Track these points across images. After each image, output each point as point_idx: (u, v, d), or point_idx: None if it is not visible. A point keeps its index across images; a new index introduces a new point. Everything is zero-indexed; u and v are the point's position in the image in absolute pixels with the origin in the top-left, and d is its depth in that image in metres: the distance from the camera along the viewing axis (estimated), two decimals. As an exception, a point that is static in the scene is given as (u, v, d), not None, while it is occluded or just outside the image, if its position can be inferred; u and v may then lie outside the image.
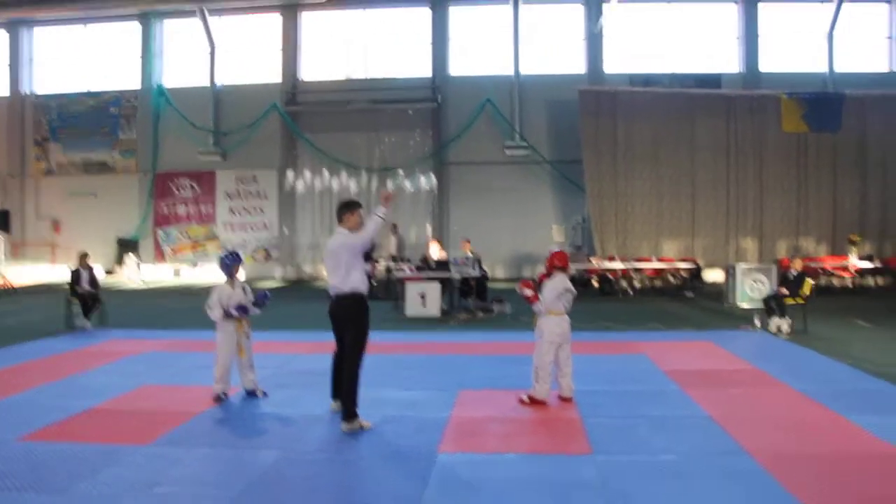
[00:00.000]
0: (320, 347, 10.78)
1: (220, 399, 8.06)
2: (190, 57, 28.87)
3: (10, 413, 7.54)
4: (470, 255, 16.86)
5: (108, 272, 28.66)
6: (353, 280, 6.89)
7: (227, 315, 8.03)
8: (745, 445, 6.11)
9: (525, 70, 26.47)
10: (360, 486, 5.36)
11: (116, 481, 5.44)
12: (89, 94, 29.46)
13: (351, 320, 6.92)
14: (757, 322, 13.12)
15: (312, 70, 28.34)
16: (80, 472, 5.64)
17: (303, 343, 11.85)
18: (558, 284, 7.85)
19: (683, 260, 21.26)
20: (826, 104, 22.05)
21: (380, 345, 11.77)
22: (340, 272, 6.91)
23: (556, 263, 8.00)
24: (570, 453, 6.03)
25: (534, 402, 7.70)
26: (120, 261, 28.62)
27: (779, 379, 8.80)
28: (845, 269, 20.00)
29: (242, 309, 8.10)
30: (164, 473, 5.64)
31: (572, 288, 7.95)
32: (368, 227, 6.93)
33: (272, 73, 28.20)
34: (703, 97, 22.73)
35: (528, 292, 8.08)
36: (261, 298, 8.44)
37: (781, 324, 12.50)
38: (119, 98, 29.24)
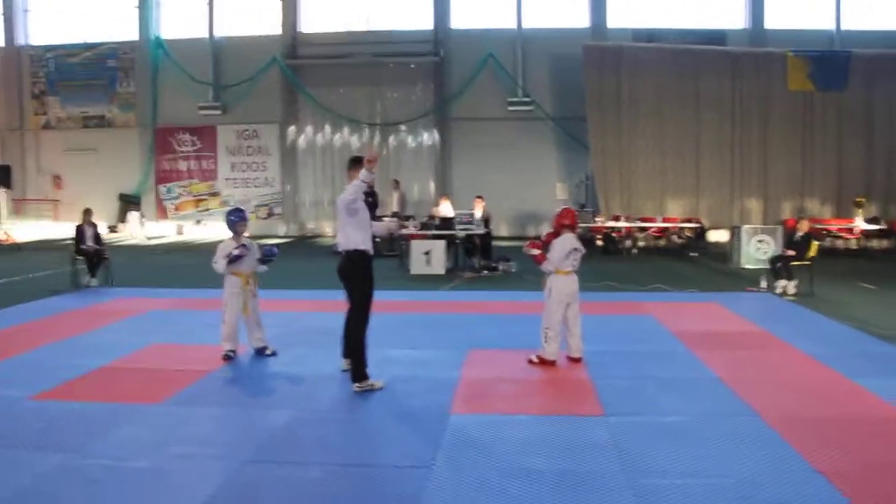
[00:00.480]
0: (327, 306, 10.86)
1: (228, 358, 8.08)
2: (188, 7, 28.41)
3: (20, 372, 7.58)
4: (479, 213, 16.78)
5: (112, 229, 28.61)
6: (351, 238, 6.88)
7: (231, 261, 8.00)
8: (755, 407, 6.15)
9: (528, 24, 26.14)
10: (373, 447, 5.38)
11: (129, 441, 5.48)
12: (86, 46, 29.04)
13: (350, 279, 6.94)
14: (763, 283, 13.12)
15: (313, 22, 27.94)
16: (93, 432, 5.67)
17: (309, 301, 11.88)
18: (566, 243, 7.81)
19: (688, 220, 21.19)
20: (832, 63, 21.79)
21: (386, 303, 11.76)
22: (342, 229, 6.99)
23: (564, 222, 7.91)
24: (582, 414, 6.06)
25: (543, 362, 7.72)
26: (123, 217, 28.55)
27: (785, 341, 8.82)
28: (850, 230, 19.94)
29: (237, 257, 8.06)
30: (175, 433, 5.68)
31: (581, 246, 7.92)
32: (348, 189, 6.75)
33: (272, 25, 27.76)
34: (708, 54, 22.42)
35: (535, 252, 8.05)
36: (269, 253, 8.42)
37: (787, 285, 12.51)
38: (116, 50, 28.84)
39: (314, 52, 27.55)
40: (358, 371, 6.79)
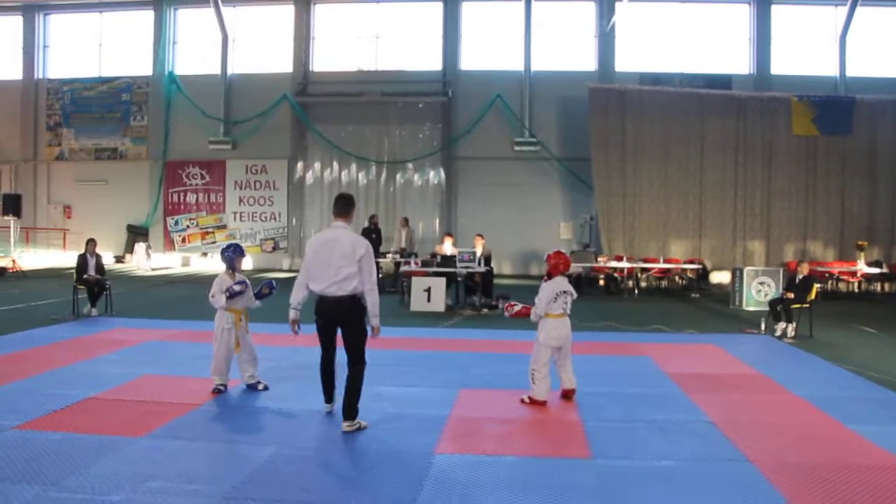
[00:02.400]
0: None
1: (218, 391, 8.04)
2: (202, 45, 28.83)
3: (8, 400, 7.52)
4: (479, 251, 16.77)
5: (119, 259, 28.76)
6: (353, 283, 6.62)
7: (229, 296, 7.98)
8: (747, 453, 6.05)
9: (536, 66, 26.38)
10: (354, 486, 5.30)
11: (109, 474, 5.41)
12: (102, 80, 29.46)
13: (351, 321, 6.72)
14: (762, 326, 13.03)
15: (324, 61, 28.28)
16: (74, 465, 5.61)
17: (306, 336, 11.79)
18: (553, 286, 7.81)
19: (690, 261, 21.15)
20: (837, 108, 21.91)
21: (383, 340, 11.74)
22: (338, 272, 6.59)
23: (549, 271, 7.99)
24: (569, 457, 5.97)
25: (534, 402, 7.66)
26: (130, 248, 28.71)
27: (782, 385, 8.72)
28: (853, 274, 19.86)
29: (238, 293, 8.04)
30: (157, 467, 5.61)
31: (571, 289, 7.90)
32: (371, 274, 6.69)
33: (284, 64, 28.13)
34: (714, 98, 22.57)
35: (515, 309, 8.19)
36: (268, 286, 8.38)
37: (787, 328, 12.41)
38: (130, 84, 29.23)
39: (324, 90, 27.80)
40: (353, 409, 6.69)
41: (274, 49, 28.44)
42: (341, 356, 6.87)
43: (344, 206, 6.89)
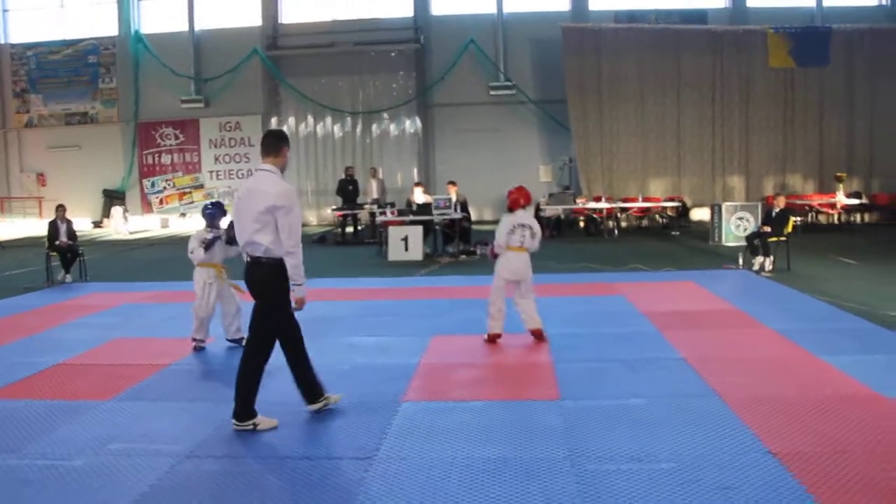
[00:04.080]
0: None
1: (197, 349, 7.99)
2: (168, 2, 28.14)
3: (-27, 370, 7.43)
4: (454, 197, 16.64)
5: (97, 224, 28.47)
6: (263, 243, 5.37)
7: (206, 248, 7.91)
8: (717, 388, 6.01)
9: (508, 8, 25.83)
10: (317, 439, 5.25)
11: (71, 439, 5.33)
12: (66, 43, 28.78)
13: (258, 292, 5.56)
14: (740, 260, 13.01)
15: (293, 12, 27.69)
16: (36, 431, 5.53)
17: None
18: (511, 219, 7.81)
19: (670, 199, 21.07)
20: (813, 39, 21.67)
21: (359, 290, 11.74)
22: (251, 227, 5.37)
23: (509, 205, 7.98)
24: (537, 399, 5.93)
25: (490, 338, 7.73)
26: (107, 213, 28.39)
27: (757, 319, 8.69)
28: (832, 206, 19.86)
29: (213, 240, 7.98)
30: (120, 429, 5.54)
31: (531, 223, 7.85)
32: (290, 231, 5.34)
33: (252, 17, 27.46)
34: (689, 33, 22.28)
35: (488, 248, 8.17)
36: (231, 227, 8.17)
37: (764, 262, 12.38)
38: (97, 46, 28.59)
39: (295, 42, 27.25)
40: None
41: (241, 2, 27.78)
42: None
43: (271, 143, 5.56)
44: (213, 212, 8.19)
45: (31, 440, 5.35)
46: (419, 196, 17.35)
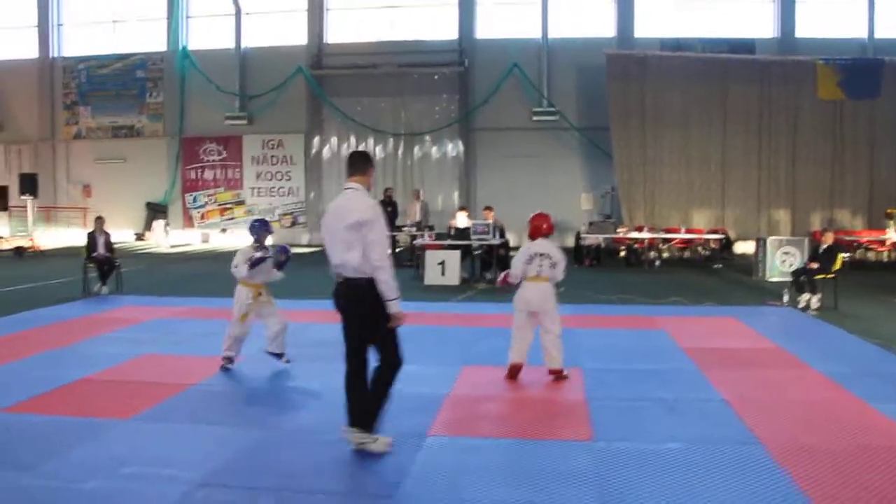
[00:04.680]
0: (336, 317, 10.59)
1: (225, 367, 7.87)
2: (216, 19, 28.51)
3: (2, 382, 7.36)
4: (491, 222, 16.43)
5: (139, 237, 28.79)
6: (358, 259, 5.27)
7: (251, 265, 7.78)
8: (759, 434, 5.68)
9: (553, 33, 25.71)
10: (338, 473, 5.03)
11: (86, 460, 5.20)
12: (117, 57, 29.30)
13: (362, 310, 5.39)
14: (785, 297, 12.57)
15: (338, 33, 27.87)
16: (53, 449, 5.41)
17: (318, 312, 11.61)
18: (529, 248, 7.55)
19: (713, 231, 20.59)
20: (864, 71, 21.08)
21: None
22: (340, 245, 5.32)
23: (530, 233, 7.75)
24: (568, 439, 5.65)
25: (510, 370, 7.45)
26: (149, 226, 28.71)
27: (803, 360, 8.30)
28: (882, 243, 19.25)
29: (260, 260, 7.84)
30: (137, 451, 5.39)
31: (551, 252, 7.51)
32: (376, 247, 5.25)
33: (298, 36, 27.73)
34: (736, 63, 21.84)
35: (500, 276, 8.02)
36: (283, 252, 8.04)
37: (811, 300, 11.94)
38: (145, 61, 29.06)
39: (339, 62, 27.41)
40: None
41: (288, 21, 28.03)
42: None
43: (357, 162, 5.62)
44: (258, 228, 8.07)
45: (46, 459, 5.22)
46: (461, 220, 17.16)
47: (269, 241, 8.15)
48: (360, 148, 27.28)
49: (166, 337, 9.84)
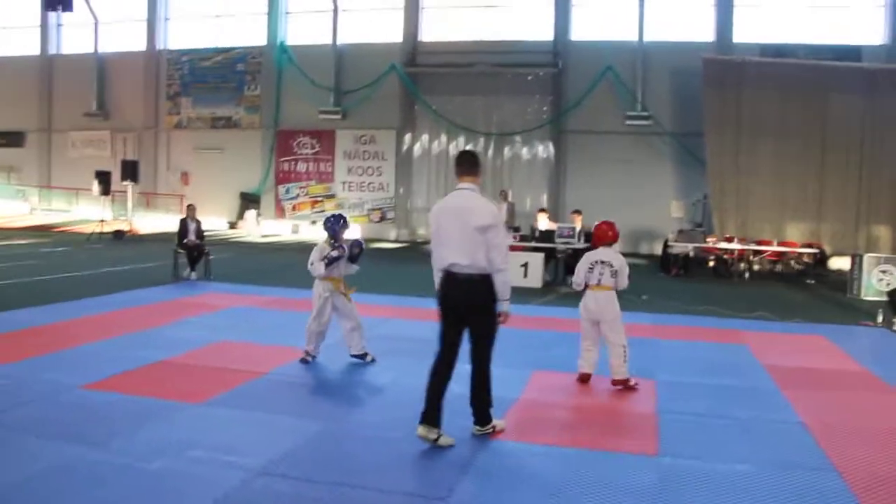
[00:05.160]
0: (414, 313, 10.72)
1: (304, 360, 7.95)
2: (314, 15, 29.09)
3: (84, 360, 7.67)
4: (578, 227, 16.23)
5: (232, 225, 29.62)
6: (482, 259, 5.48)
7: (327, 263, 7.82)
8: (836, 462, 5.38)
9: (649, 36, 25.28)
10: (395, 471, 5.00)
11: (155, 440, 5.34)
12: (218, 50, 30.28)
13: (479, 307, 5.61)
14: (879, 318, 11.96)
15: (433, 31, 28.05)
16: (123, 428, 5.58)
17: (397, 308, 11.73)
18: (590, 256, 7.50)
19: (808, 245, 19.76)
20: (982, 78, 19.87)
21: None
22: (468, 245, 5.47)
23: (593, 241, 7.77)
24: (632, 452, 5.49)
25: (580, 378, 7.47)
26: (242, 215, 29.53)
27: (893, 385, 7.88)
28: None
29: (336, 259, 7.87)
30: (204, 435, 5.52)
31: (613, 260, 7.41)
32: (500, 249, 5.51)
33: (393, 34, 28.09)
34: (840, 70, 20.78)
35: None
36: (357, 245, 8.13)
37: (907, 322, 11.36)
38: (245, 54, 29.92)
39: (433, 60, 27.59)
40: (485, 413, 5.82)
41: (383, 19, 28.37)
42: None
43: (470, 163, 5.81)
44: (335, 226, 8.04)
45: (117, 436, 5.39)
46: (543, 223, 17.02)
47: (346, 234, 8.18)
48: (451, 147, 27.39)
49: (246, 325, 10.07)
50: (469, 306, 5.59)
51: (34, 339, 8.54)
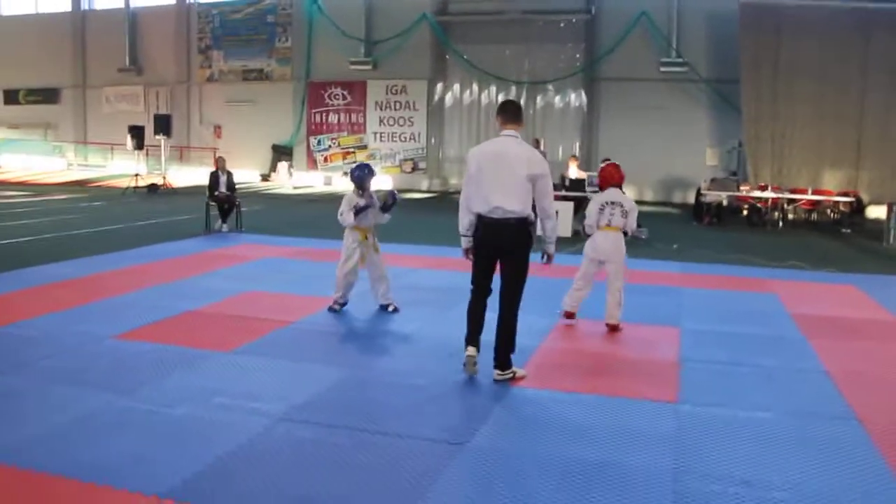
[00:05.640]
0: (442, 263, 10.77)
1: (333, 310, 8.04)
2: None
3: (117, 311, 7.82)
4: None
5: (265, 178, 29.80)
6: (525, 205, 5.65)
7: (356, 213, 7.87)
8: (857, 410, 5.34)
9: (685, -20, 24.66)
10: (415, 416, 5.06)
11: (181, 387, 5.47)
12: (248, 2, 30.15)
13: (518, 250, 5.76)
14: (916, 267, 11.78)
15: (464, -21, 27.62)
16: (152, 376, 5.71)
17: (425, 258, 11.77)
18: (600, 198, 7.54)
19: (844, 193, 19.35)
20: None
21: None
22: (516, 190, 5.60)
23: (599, 183, 7.90)
24: (652, 399, 5.50)
25: (566, 315, 7.63)
26: (275, 167, 29.69)
27: (924, 334, 7.79)
28: None
29: (364, 208, 7.91)
30: (230, 383, 5.63)
31: (623, 201, 7.46)
32: (550, 196, 5.78)
33: (424, -18, 27.72)
34: (881, 13, 20.10)
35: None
36: (391, 197, 8.18)
37: (944, 270, 11.15)
38: (275, 6, 29.80)
39: (463, 8, 27.27)
40: (507, 358, 5.89)
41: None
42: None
43: (515, 111, 5.89)
44: (360, 175, 8.05)
45: (145, 384, 5.52)
46: (573, 171, 16.90)
47: (372, 184, 8.20)
48: (482, 96, 27.18)
49: (276, 276, 10.20)
50: (509, 249, 5.73)
51: (66, 292, 8.71)
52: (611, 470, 4.26)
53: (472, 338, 5.88)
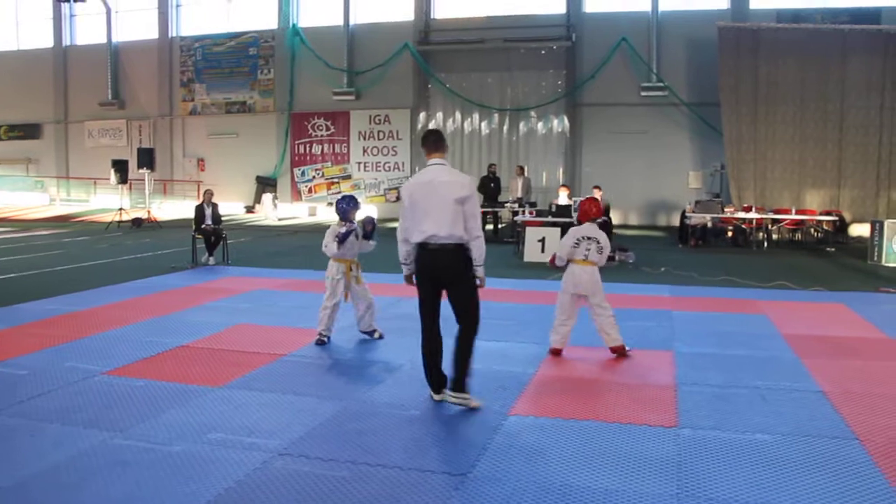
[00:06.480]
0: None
1: (321, 342, 8.00)
2: (325, -4, 28.99)
3: (106, 347, 7.74)
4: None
5: (249, 209, 29.73)
6: (459, 229, 5.72)
7: (339, 241, 7.86)
8: (855, 429, 5.35)
9: (664, 6, 24.97)
10: (414, 448, 5.03)
11: (176, 424, 5.39)
12: (230, 35, 30.26)
13: (458, 276, 5.83)
14: (901, 284, 11.87)
15: (445, 8, 27.86)
16: (145, 413, 5.63)
17: (412, 287, 11.68)
18: (576, 231, 7.55)
19: (826, 212, 19.54)
20: None
21: (488, 291, 11.45)
22: (447, 217, 5.68)
23: (579, 216, 7.81)
24: (652, 424, 5.48)
25: (553, 353, 7.53)
26: (259, 199, 29.62)
27: (915, 351, 7.82)
28: None
29: (347, 234, 7.91)
30: (225, 418, 5.55)
31: (598, 237, 7.47)
32: (477, 218, 5.82)
33: (405, 12, 27.93)
34: (858, 34, 20.43)
35: (548, 258, 8.08)
36: (370, 223, 8.20)
37: (930, 287, 11.25)
38: (257, 38, 29.90)
39: (445, 37, 27.43)
40: (462, 378, 5.84)
41: (395, -3, 28.21)
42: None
43: (436, 139, 6.03)
44: (346, 207, 8.08)
45: (139, 421, 5.45)
46: (563, 198, 16.99)
47: (357, 215, 8.21)
48: (466, 124, 27.33)
49: (264, 308, 10.13)
50: (450, 275, 5.81)
51: (55, 328, 8.63)
52: (615, 497, 4.23)
53: (433, 383, 6.00)
